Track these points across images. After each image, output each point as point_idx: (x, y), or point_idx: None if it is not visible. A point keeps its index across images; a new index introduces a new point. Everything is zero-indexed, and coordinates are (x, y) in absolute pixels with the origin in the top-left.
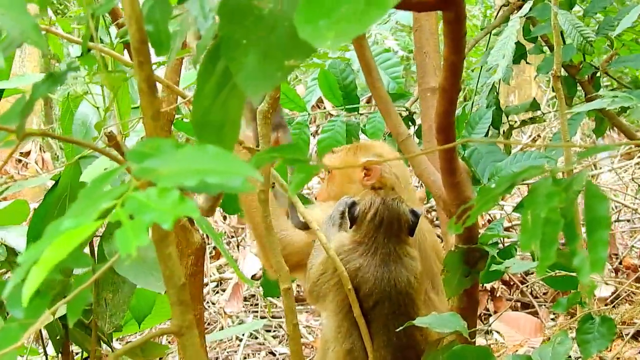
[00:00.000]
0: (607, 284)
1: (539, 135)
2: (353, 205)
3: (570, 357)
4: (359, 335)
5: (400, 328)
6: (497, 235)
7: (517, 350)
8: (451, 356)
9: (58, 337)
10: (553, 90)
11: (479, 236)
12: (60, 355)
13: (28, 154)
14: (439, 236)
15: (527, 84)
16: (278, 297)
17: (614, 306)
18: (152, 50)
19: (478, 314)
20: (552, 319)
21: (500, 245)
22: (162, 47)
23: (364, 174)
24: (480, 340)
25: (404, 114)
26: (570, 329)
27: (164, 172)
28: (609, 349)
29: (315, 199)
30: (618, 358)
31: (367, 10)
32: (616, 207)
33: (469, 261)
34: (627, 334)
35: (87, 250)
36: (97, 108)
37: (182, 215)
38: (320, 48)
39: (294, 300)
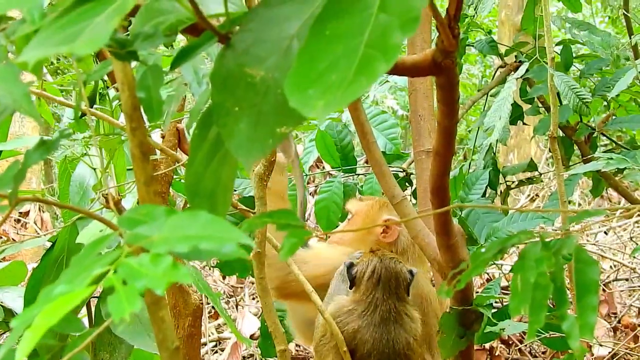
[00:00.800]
0: (601, 345)
1: (537, 195)
2: (351, 266)
3: None
4: None
5: None
6: (493, 297)
7: None
8: None
9: None
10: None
11: (475, 297)
12: None
13: (27, 213)
14: None
15: (526, 143)
16: (276, 357)
17: None
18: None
19: None
20: None
21: (499, 305)
22: (154, 114)
23: (382, 231)
24: None
25: (401, 174)
26: None
27: (156, 238)
28: None
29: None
30: None
31: (356, 79)
32: (615, 266)
33: (464, 322)
34: None
35: (84, 310)
36: (94, 169)
37: (175, 281)
38: (309, 116)
39: None
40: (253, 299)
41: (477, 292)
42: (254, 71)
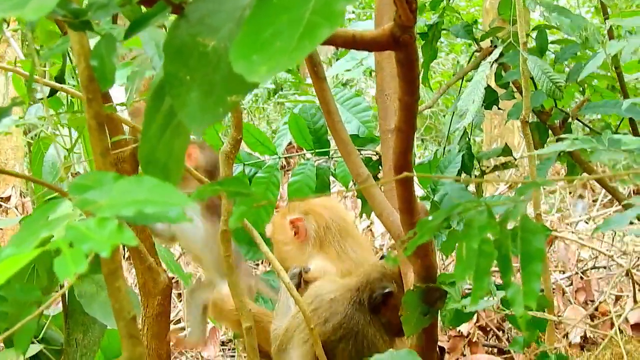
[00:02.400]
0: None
1: (516, 184)
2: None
3: None
4: None
5: None
6: (458, 279)
7: None
8: None
9: None
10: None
11: (438, 275)
12: None
13: (8, 199)
14: None
15: (509, 132)
16: None
17: (582, 349)
18: (119, 93)
19: (455, 359)
20: None
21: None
22: (107, 81)
23: (294, 233)
24: None
25: (374, 158)
26: None
27: (103, 203)
28: None
29: None
30: None
31: (299, 45)
32: (593, 254)
33: (427, 300)
34: None
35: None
36: (67, 150)
37: (119, 244)
38: (252, 81)
39: (255, 339)
40: None
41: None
42: (207, 41)
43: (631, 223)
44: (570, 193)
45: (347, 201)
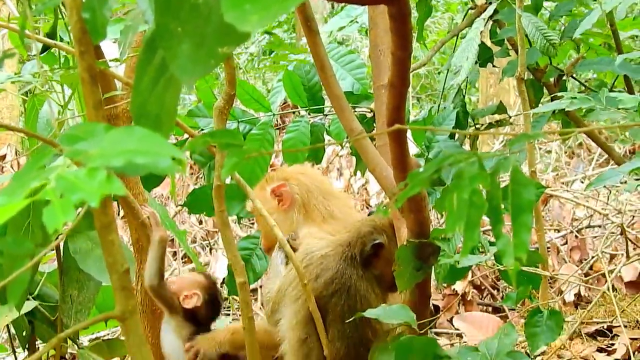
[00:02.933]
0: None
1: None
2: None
3: (530, 356)
4: (314, 326)
5: (351, 319)
6: (448, 230)
7: None
8: (399, 346)
9: (24, 334)
10: None
11: (431, 231)
12: (26, 351)
13: (4, 157)
14: None
15: (505, 92)
16: None
17: (577, 307)
18: (112, 49)
19: (449, 318)
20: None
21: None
22: (99, 34)
23: (277, 202)
24: (444, 341)
25: (369, 115)
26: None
27: (93, 153)
28: (565, 347)
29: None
30: (575, 356)
31: None
32: (588, 213)
33: (420, 255)
34: (585, 334)
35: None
36: (61, 106)
37: (108, 194)
38: (244, 30)
39: (249, 294)
40: None
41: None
42: None
43: (625, 183)
44: (565, 152)
45: (342, 160)
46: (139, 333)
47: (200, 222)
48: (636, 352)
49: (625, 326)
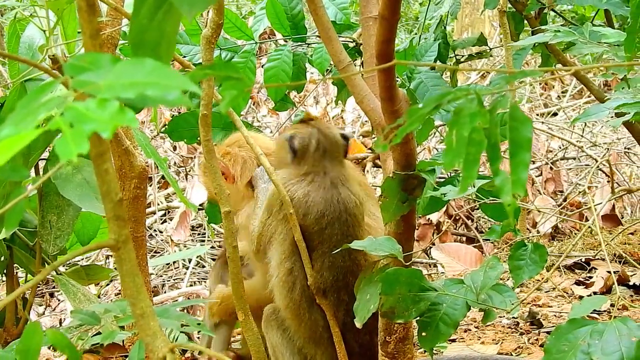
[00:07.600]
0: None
1: (488, 72)
2: (292, 138)
3: (513, 289)
4: (298, 255)
5: (339, 249)
6: (435, 163)
7: None
8: (384, 278)
9: (2, 259)
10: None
11: (417, 163)
12: (4, 276)
13: None
14: (377, 165)
15: (480, 22)
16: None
17: (553, 239)
18: None
19: (424, 248)
20: (496, 253)
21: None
22: None
23: (225, 179)
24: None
25: (351, 45)
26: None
27: (102, 84)
28: (545, 279)
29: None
30: (554, 288)
31: None
32: (562, 145)
33: (406, 188)
34: (564, 266)
35: (33, 172)
36: (44, 31)
37: (121, 125)
38: None
39: (234, 223)
40: None
41: None
42: None
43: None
44: (540, 84)
45: (319, 88)
46: (132, 262)
47: (175, 149)
48: (614, 285)
49: (603, 259)
